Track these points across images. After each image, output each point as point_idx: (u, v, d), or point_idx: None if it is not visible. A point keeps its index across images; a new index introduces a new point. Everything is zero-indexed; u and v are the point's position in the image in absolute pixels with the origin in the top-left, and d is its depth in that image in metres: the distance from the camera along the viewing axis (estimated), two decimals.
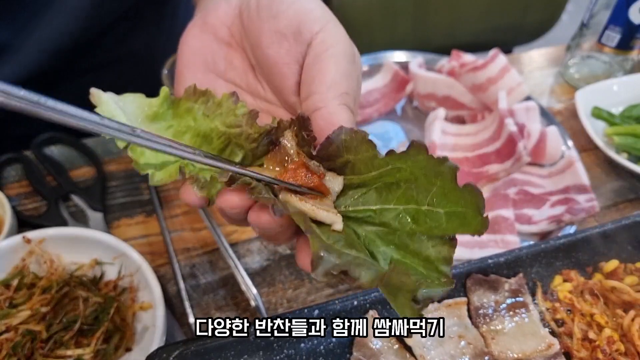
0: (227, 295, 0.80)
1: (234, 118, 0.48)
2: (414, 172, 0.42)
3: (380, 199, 0.44)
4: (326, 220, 0.42)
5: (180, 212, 0.90)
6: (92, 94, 0.47)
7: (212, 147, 0.49)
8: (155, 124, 0.49)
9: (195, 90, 0.50)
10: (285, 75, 0.49)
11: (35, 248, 0.77)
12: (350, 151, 0.43)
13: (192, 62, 0.54)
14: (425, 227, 0.42)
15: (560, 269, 0.76)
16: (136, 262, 0.75)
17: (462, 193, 0.40)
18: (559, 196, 0.93)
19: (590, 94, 1.08)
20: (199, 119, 0.49)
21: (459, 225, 0.41)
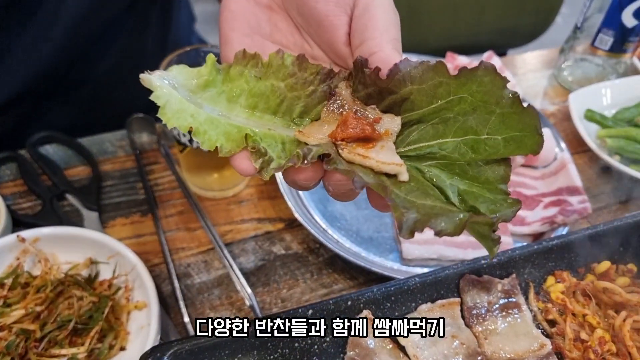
0: (221, 295, 0.80)
1: (285, 69, 0.50)
2: (474, 103, 0.43)
3: (437, 133, 0.46)
4: (392, 172, 0.44)
5: (175, 212, 0.90)
6: (142, 79, 0.47)
7: (269, 105, 0.50)
8: (207, 91, 0.50)
9: (245, 54, 0.51)
10: (336, 26, 0.50)
11: (30, 247, 0.77)
12: (415, 81, 0.45)
13: (237, 26, 0.55)
14: (485, 154, 0.44)
15: (552, 270, 0.76)
16: (131, 262, 0.75)
17: (520, 117, 0.42)
18: (552, 198, 0.94)
19: (584, 97, 1.08)
20: (252, 81, 0.50)
21: (515, 147, 0.43)
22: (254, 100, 0.50)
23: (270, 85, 0.50)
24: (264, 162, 0.46)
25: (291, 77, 0.50)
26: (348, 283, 0.84)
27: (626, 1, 1.04)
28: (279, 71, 0.50)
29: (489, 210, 0.42)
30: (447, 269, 0.71)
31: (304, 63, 0.50)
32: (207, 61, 0.51)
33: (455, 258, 0.86)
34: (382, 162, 0.44)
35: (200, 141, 0.47)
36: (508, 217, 0.42)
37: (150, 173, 0.95)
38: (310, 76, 0.50)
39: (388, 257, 0.87)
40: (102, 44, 1.02)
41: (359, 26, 0.49)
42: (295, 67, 0.50)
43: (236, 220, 0.90)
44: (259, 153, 0.46)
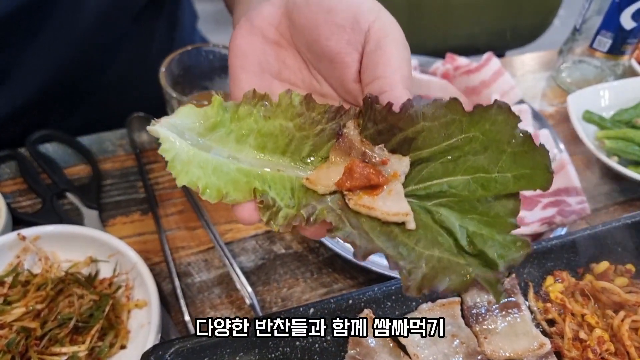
0: (222, 294, 0.81)
1: (293, 109, 0.50)
2: (485, 142, 0.44)
3: (447, 171, 0.46)
4: (398, 221, 0.44)
5: (175, 211, 0.90)
6: (150, 131, 0.46)
7: (277, 145, 0.50)
8: (215, 132, 0.49)
9: (254, 94, 0.50)
10: (347, 64, 0.50)
11: (30, 245, 0.77)
12: (427, 118, 0.45)
13: (246, 64, 0.54)
14: (495, 191, 0.44)
15: (551, 270, 0.77)
16: (132, 260, 0.75)
17: (532, 155, 0.43)
18: (551, 198, 0.94)
19: (582, 98, 1.09)
20: (260, 121, 0.50)
21: (525, 184, 0.43)
22: (263, 140, 0.50)
23: (278, 125, 0.50)
24: (271, 214, 0.46)
25: (299, 116, 0.50)
26: (348, 282, 0.84)
27: (625, 3, 1.04)
28: (287, 111, 0.50)
29: (498, 256, 0.42)
30: None
31: (312, 103, 0.50)
32: (213, 102, 0.50)
33: None
34: (387, 213, 0.44)
35: (208, 198, 0.46)
36: (517, 262, 0.42)
37: (150, 172, 0.95)
38: (318, 115, 0.50)
39: None
40: (110, 53, 1.02)
41: (370, 63, 0.48)
42: (303, 106, 0.50)
43: (236, 219, 0.90)
44: (267, 207, 0.46)
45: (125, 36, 1.02)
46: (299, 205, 0.47)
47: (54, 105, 1.02)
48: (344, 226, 0.44)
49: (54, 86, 0.97)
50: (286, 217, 0.46)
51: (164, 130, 0.46)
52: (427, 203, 0.47)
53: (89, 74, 1.02)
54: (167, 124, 0.47)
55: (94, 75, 1.04)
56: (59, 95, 1.00)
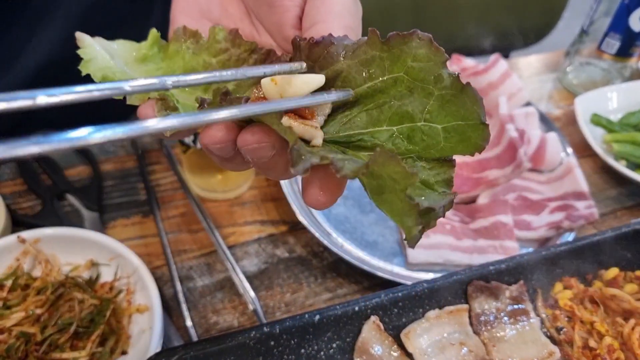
0: (224, 299, 0.79)
1: (217, 45, 0.48)
2: (410, 83, 0.39)
3: (371, 120, 0.42)
4: (305, 135, 0.39)
5: (177, 214, 0.89)
6: (78, 37, 0.46)
7: None
8: (144, 65, 0.49)
9: (185, 31, 0.49)
10: (287, 7, 0.48)
11: (30, 248, 0.75)
12: (348, 55, 0.41)
13: (186, 8, 0.53)
14: (422, 145, 0.39)
15: (560, 276, 0.75)
16: (133, 264, 0.74)
17: (461, 101, 0.38)
18: (558, 202, 0.93)
19: (589, 101, 1.08)
20: (188, 58, 0.48)
21: (457, 142, 0.38)
22: None
23: (202, 61, 0.48)
24: (167, 114, 0.41)
25: (223, 52, 0.48)
26: (352, 287, 0.83)
27: (634, 5, 1.03)
28: (211, 47, 0.48)
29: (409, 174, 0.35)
30: (455, 275, 0.70)
31: (238, 39, 0.47)
32: (149, 36, 0.50)
33: (461, 263, 0.85)
34: (298, 124, 0.39)
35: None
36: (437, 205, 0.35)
37: (151, 173, 0.94)
38: (244, 53, 0.47)
39: (392, 261, 0.86)
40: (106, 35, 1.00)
41: (311, 9, 0.46)
42: (228, 42, 0.48)
43: (239, 223, 0.89)
44: (165, 104, 0.42)
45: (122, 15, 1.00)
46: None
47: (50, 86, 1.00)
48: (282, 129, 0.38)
49: (49, 68, 0.94)
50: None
51: (93, 40, 0.46)
52: (346, 150, 0.42)
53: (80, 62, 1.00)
54: (99, 41, 0.46)
55: None
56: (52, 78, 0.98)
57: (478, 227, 0.90)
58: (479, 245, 0.88)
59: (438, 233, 0.88)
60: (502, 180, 0.91)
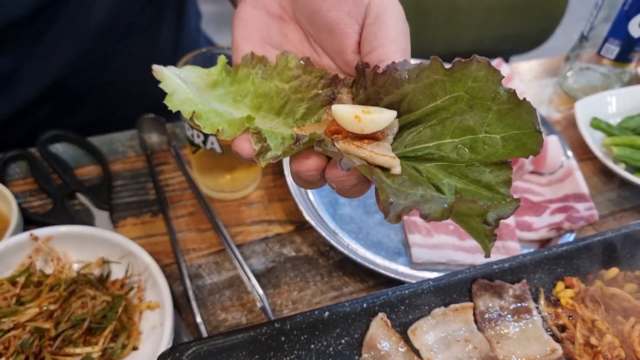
0: (232, 296, 0.81)
1: (289, 72, 0.51)
2: (470, 101, 0.43)
3: (435, 135, 0.46)
4: (385, 165, 0.44)
5: (186, 213, 0.90)
6: (155, 70, 0.50)
7: (272, 106, 0.51)
8: (215, 90, 0.52)
9: (253, 57, 0.52)
10: (347, 34, 0.51)
11: (43, 246, 0.77)
12: (412, 80, 0.45)
13: (248, 35, 0.56)
14: (484, 154, 0.44)
15: (562, 276, 0.77)
16: (144, 262, 0.75)
17: (517, 113, 0.42)
18: (559, 204, 0.95)
19: (589, 105, 1.10)
20: (258, 83, 0.52)
21: (515, 148, 0.42)
22: (259, 100, 0.51)
23: (274, 87, 0.51)
24: (262, 147, 0.45)
25: (295, 79, 0.51)
26: (358, 286, 0.84)
27: (633, 11, 1.05)
28: (283, 73, 0.51)
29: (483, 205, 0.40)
30: (460, 273, 0.71)
31: (309, 66, 0.51)
32: (218, 62, 0.53)
33: (464, 262, 0.87)
34: (375, 154, 0.44)
35: (202, 125, 0.47)
36: (505, 214, 0.41)
37: (160, 173, 0.95)
38: (314, 79, 0.51)
39: (397, 260, 0.88)
40: (120, 45, 1.02)
41: (369, 35, 0.50)
42: (299, 69, 0.51)
43: (246, 222, 0.90)
44: (259, 137, 0.46)
45: (135, 23, 1.02)
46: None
47: (63, 102, 1.02)
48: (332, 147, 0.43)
49: (63, 83, 0.97)
50: (275, 156, 0.45)
51: (169, 71, 0.49)
52: (416, 164, 0.47)
53: (96, 70, 1.02)
54: (173, 70, 0.50)
55: (102, 71, 1.04)
56: (67, 92, 1.00)
57: None
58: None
59: (442, 233, 0.89)
60: None
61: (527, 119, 0.41)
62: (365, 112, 0.45)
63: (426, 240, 0.88)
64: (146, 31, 1.05)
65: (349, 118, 0.44)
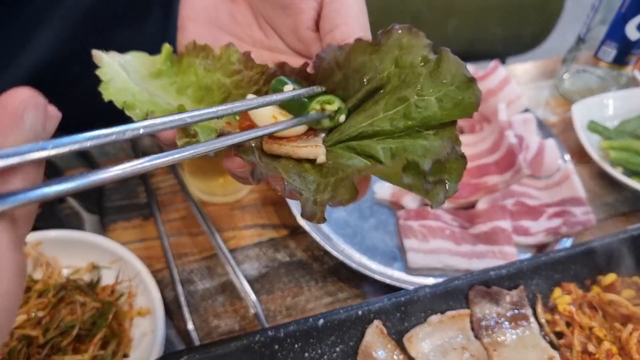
0: (225, 302, 0.79)
1: (231, 66, 0.50)
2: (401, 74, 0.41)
3: (369, 115, 0.44)
4: (310, 156, 0.42)
5: (178, 217, 0.89)
6: (94, 55, 0.48)
7: (214, 100, 0.50)
8: (159, 80, 0.50)
9: (195, 46, 0.51)
10: (302, 10, 0.50)
11: (32, 251, 0.75)
12: (341, 66, 0.43)
13: (195, 15, 0.54)
14: (419, 118, 0.41)
15: (559, 282, 0.76)
16: (135, 267, 0.74)
17: (447, 68, 0.39)
18: (556, 208, 0.94)
19: (586, 108, 1.09)
20: (201, 74, 0.50)
21: (452, 106, 0.39)
22: (201, 93, 0.50)
23: (216, 80, 0.50)
24: (187, 142, 0.43)
25: (237, 74, 0.50)
26: (353, 291, 0.83)
27: (630, 14, 1.04)
28: (225, 67, 0.50)
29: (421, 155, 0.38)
30: (456, 280, 0.70)
31: (250, 62, 0.50)
32: (163, 51, 0.51)
33: (460, 268, 0.86)
34: (297, 147, 0.42)
35: (133, 115, 0.45)
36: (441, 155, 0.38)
37: (152, 176, 0.94)
38: (256, 75, 0.49)
39: (393, 265, 0.86)
40: (103, 35, 0.99)
41: (330, 12, 0.48)
42: (241, 64, 0.50)
43: (239, 226, 0.89)
44: (186, 132, 0.43)
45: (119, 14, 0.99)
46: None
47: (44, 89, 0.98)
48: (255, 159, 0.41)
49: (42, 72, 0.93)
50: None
51: (109, 58, 0.48)
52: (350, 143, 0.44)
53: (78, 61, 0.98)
54: (114, 57, 0.48)
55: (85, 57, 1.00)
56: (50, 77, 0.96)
57: (477, 233, 0.90)
58: (478, 250, 0.88)
59: (438, 238, 0.88)
60: (501, 185, 0.92)
61: (457, 71, 0.39)
62: (283, 114, 0.44)
63: (422, 245, 0.87)
64: (131, 23, 1.02)
65: (265, 117, 0.43)
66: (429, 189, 0.37)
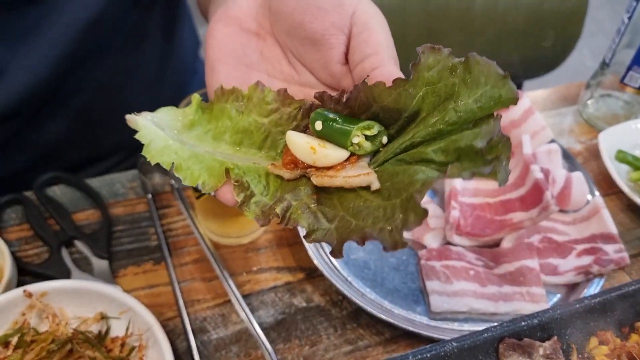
0: (240, 352, 0.75)
1: (267, 106, 0.50)
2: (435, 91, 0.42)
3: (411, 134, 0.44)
4: (363, 184, 0.43)
5: (190, 260, 0.85)
6: (128, 120, 0.49)
7: (253, 141, 0.50)
8: (193, 131, 0.51)
9: (223, 91, 0.51)
10: (332, 45, 0.50)
11: (37, 302, 0.72)
12: (377, 99, 0.44)
13: (222, 56, 0.54)
14: (461, 121, 0.41)
15: (595, 330, 0.71)
16: (146, 320, 0.70)
17: (478, 70, 0.40)
18: (585, 245, 0.89)
19: (613, 136, 1.04)
20: (235, 117, 0.51)
21: (490, 103, 0.40)
22: (239, 136, 0.50)
23: (253, 121, 0.50)
24: (245, 196, 0.45)
25: (274, 112, 0.50)
26: (374, 339, 0.79)
27: None
28: (260, 107, 0.50)
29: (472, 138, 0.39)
30: (485, 332, 0.66)
31: (287, 99, 0.50)
32: (193, 101, 0.52)
33: (486, 311, 0.81)
34: (349, 177, 0.43)
35: (182, 177, 0.46)
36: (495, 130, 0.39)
37: (163, 217, 0.90)
38: (294, 111, 0.50)
39: (415, 309, 0.82)
40: (100, 55, 0.95)
41: (360, 43, 0.49)
42: (277, 102, 0.50)
43: (254, 270, 0.85)
44: (241, 187, 0.46)
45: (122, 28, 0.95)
46: (272, 194, 0.46)
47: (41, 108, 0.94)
48: (320, 224, 0.43)
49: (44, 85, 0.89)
50: (259, 204, 0.45)
51: (143, 119, 0.49)
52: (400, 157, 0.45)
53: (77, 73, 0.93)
54: (147, 117, 0.49)
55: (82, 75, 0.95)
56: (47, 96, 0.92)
57: (503, 273, 0.86)
58: (504, 291, 0.84)
59: (462, 279, 0.84)
60: (527, 223, 0.87)
61: (489, 70, 0.39)
62: (321, 145, 0.45)
63: (445, 287, 0.83)
64: (128, 42, 0.98)
65: (304, 148, 0.45)
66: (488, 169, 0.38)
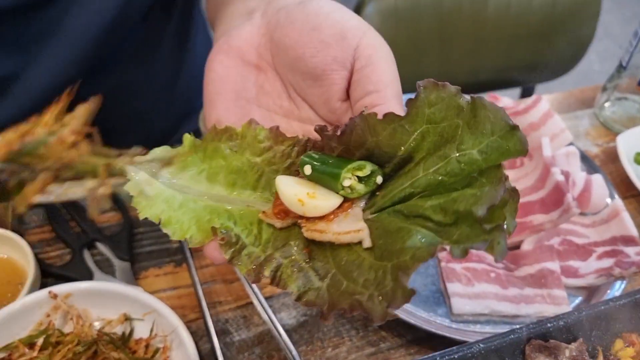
0: (263, 354, 0.75)
1: (259, 144, 0.49)
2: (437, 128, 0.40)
3: (409, 176, 0.42)
4: (353, 241, 0.41)
5: (210, 262, 0.85)
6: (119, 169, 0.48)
7: (247, 181, 0.49)
8: (187, 172, 0.49)
9: (216, 130, 0.50)
10: (333, 80, 0.48)
11: (61, 303, 0.72)
12: (373, 134, 0.42)
13: (221, 90, 0.53)
14: (464, 174, 0.39)
15: (620, 332, 0.71)
16: (170, 321, 0.70)
17: (484, 116, 0.37)
18: (606, 248, 0.89)
19: (632, 138, 1.04)
20: (228, 157, 0.50)
21: (498, 156, 0.37)
22: (232, 177, 0.49)
23: (246, 161, 0.49)
24: (234, 251, 0.44)
25: (267, 151, 0.49)
26: (396, 341, 0.79)
27: None
28: (253, 145, 0.49)
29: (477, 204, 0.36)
30: (511, 334, 0.66)
31: (280, 137, 0.48)
32: (185, 142, 0.50)
33: (508, 313, 0.81)
34: (339, 234, 0.41)
35: (170, 232, 0.46)
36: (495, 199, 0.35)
37: None
38: (287, 149, 0.48)
39: (437, 311, 0.82)
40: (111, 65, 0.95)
41: (361, 78, 0.47)
42: (270, 140, 0.49)
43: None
44: (228, 244, 0.44)
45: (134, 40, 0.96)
46: (264, 245, 0.44)
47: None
48: (311, 284, 0.41)
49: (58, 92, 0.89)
50: (250, 256, 0.44)
51: (131, 167, 0.47)
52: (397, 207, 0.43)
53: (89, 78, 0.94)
54: (138, 162, 0.48)
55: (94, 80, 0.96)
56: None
57: (524, 275, 0.86)
58: (525, 294, 0.84)
59: (483, 282, 0.84)
60: (547, 225, 0.87)
61: (496, 118, 0.37)
62: (310, 195, 0.43)
63: (466, 289, 0.83)
64: (139, 54, 0.98)
65: (292, 201, 0.43)
66: (487, 240, 0.35)
